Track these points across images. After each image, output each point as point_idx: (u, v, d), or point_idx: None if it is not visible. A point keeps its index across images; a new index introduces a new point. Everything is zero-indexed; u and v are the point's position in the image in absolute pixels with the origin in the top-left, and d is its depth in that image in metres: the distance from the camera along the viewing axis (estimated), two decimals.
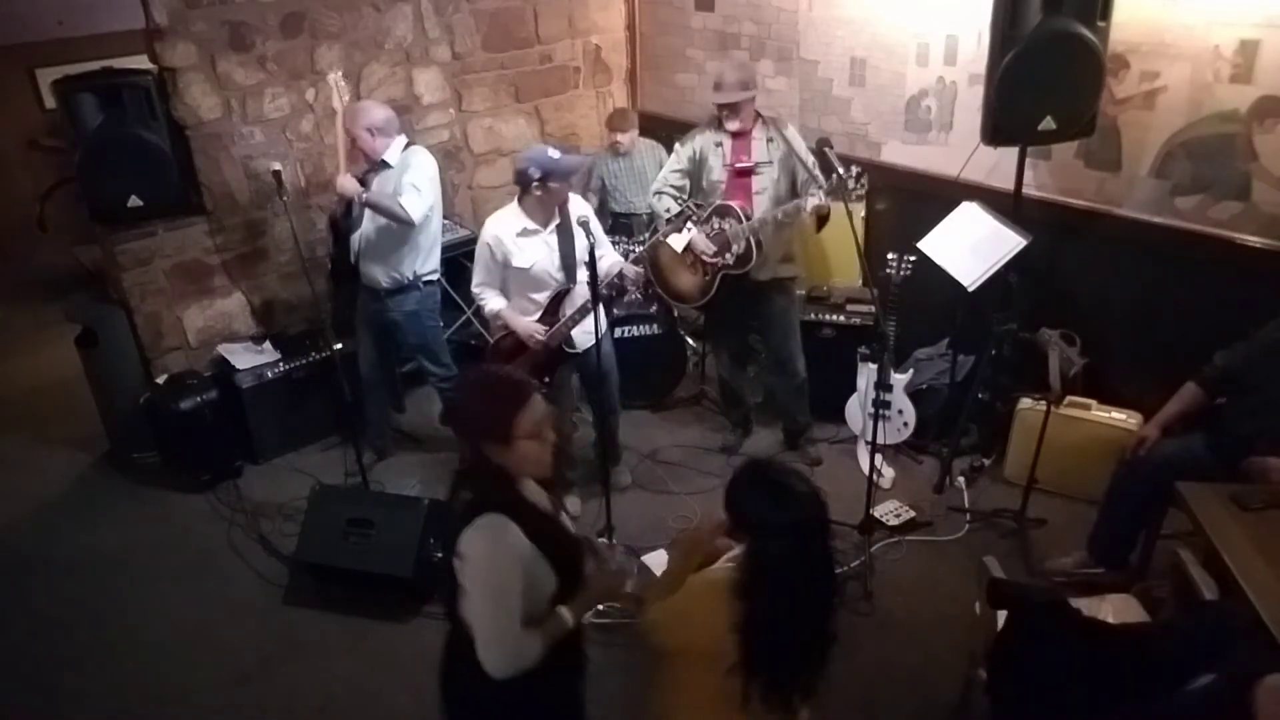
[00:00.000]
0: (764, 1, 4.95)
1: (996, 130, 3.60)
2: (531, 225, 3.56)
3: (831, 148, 3.50)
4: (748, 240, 3.88)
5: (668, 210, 3.98)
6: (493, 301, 3.69)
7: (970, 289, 3.71)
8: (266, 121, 4.55)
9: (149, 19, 4.11)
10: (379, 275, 4.01)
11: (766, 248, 3.93)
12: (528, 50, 5.44)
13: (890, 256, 3.96)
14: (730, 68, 3.85)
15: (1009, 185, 3.85)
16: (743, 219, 3.88)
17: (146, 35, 4.17)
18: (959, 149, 4.17)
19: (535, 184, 3.46)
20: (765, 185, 3.89)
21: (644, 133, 5.24)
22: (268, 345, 4.55)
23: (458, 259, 4.88)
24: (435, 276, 4.16)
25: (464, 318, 4.97)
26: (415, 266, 4.02)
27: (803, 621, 1.95)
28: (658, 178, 4.13)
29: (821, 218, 3.93)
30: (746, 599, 1.89)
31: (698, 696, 2.00)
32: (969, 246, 3.77)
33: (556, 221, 3.58)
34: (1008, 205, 3.84)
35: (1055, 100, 3.46)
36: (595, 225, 3.65)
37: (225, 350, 4.53)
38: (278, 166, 3.77)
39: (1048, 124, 3.50)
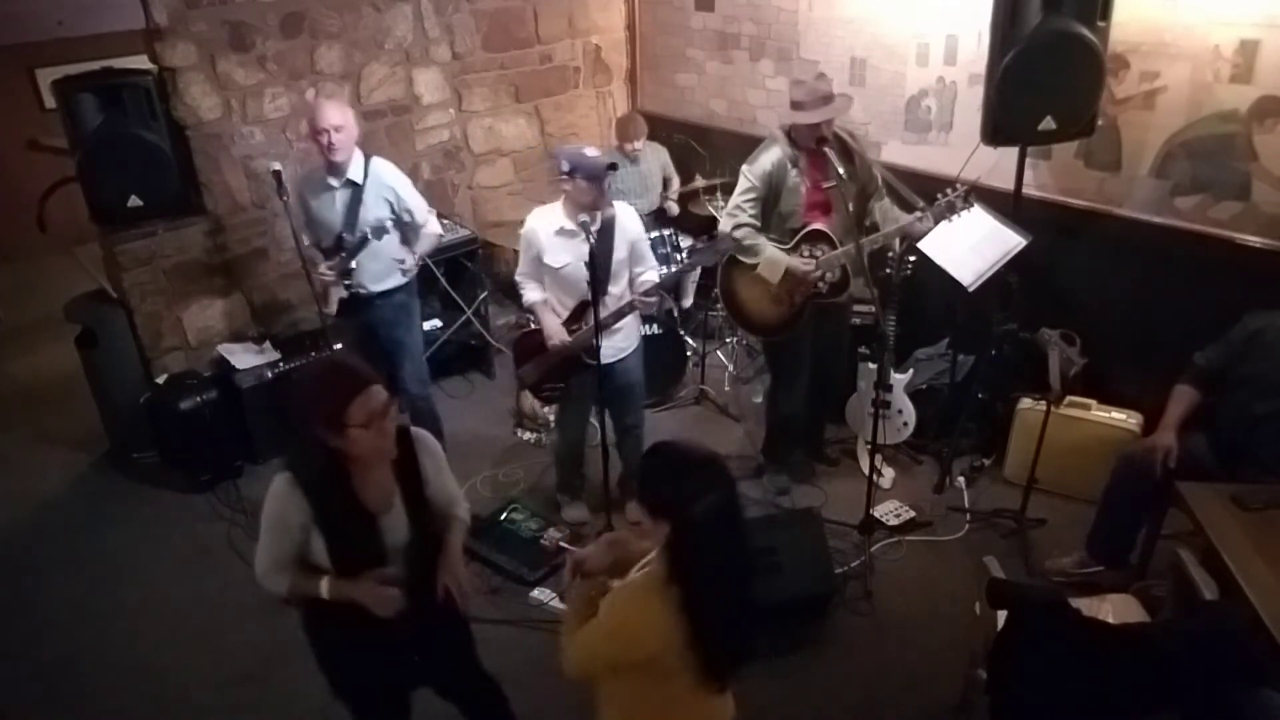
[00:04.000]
0: (764, 1, 4.96)
1: (996, 130, 3.60)
2: (570, 226, 3.47)
3: (832, 147, 3.49)
4: (843, 266, 3.68)
5: (743, 240, 3.66)
6: (530, 293, 3.67)
7: (970, 289, 3.71)
8: (266, 121, 4.56)
9: (149, 19, 4.12)
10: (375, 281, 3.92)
11: (849, 269, 3.73)
12: (528, 50, 5.45)
13: (890, 256, 3.96)
14: (806, 85, 3.50)
15: (1009, 185, 3.85)
16: (836, 244, 3.64)
17: (146, 35, 4.18)
18: (959, 149, 4.17)
19: (563, 177, 3.44)
20: (842, 203, 3.54)
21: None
22: (268, 345, 4.55)
23: (458, 259, 4.90)
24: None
25: (464, 318, 4.97)
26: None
27: (736, 588, 1.96)
28: (730, 205, 3.74)
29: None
30: (683, 580, 1.85)
31: (653, 702, 1.97)
32: (969, 246, 3.77)
33: (596, 228, 3.43)
34: (1008, 205, 3.84)
35: (1055, 100, 3.46)
36: (633, 222, 3.60)
37: (225, 350, 4.53)
38: (278, 166, 3.76)
39: (1048, 124, 3.50)
